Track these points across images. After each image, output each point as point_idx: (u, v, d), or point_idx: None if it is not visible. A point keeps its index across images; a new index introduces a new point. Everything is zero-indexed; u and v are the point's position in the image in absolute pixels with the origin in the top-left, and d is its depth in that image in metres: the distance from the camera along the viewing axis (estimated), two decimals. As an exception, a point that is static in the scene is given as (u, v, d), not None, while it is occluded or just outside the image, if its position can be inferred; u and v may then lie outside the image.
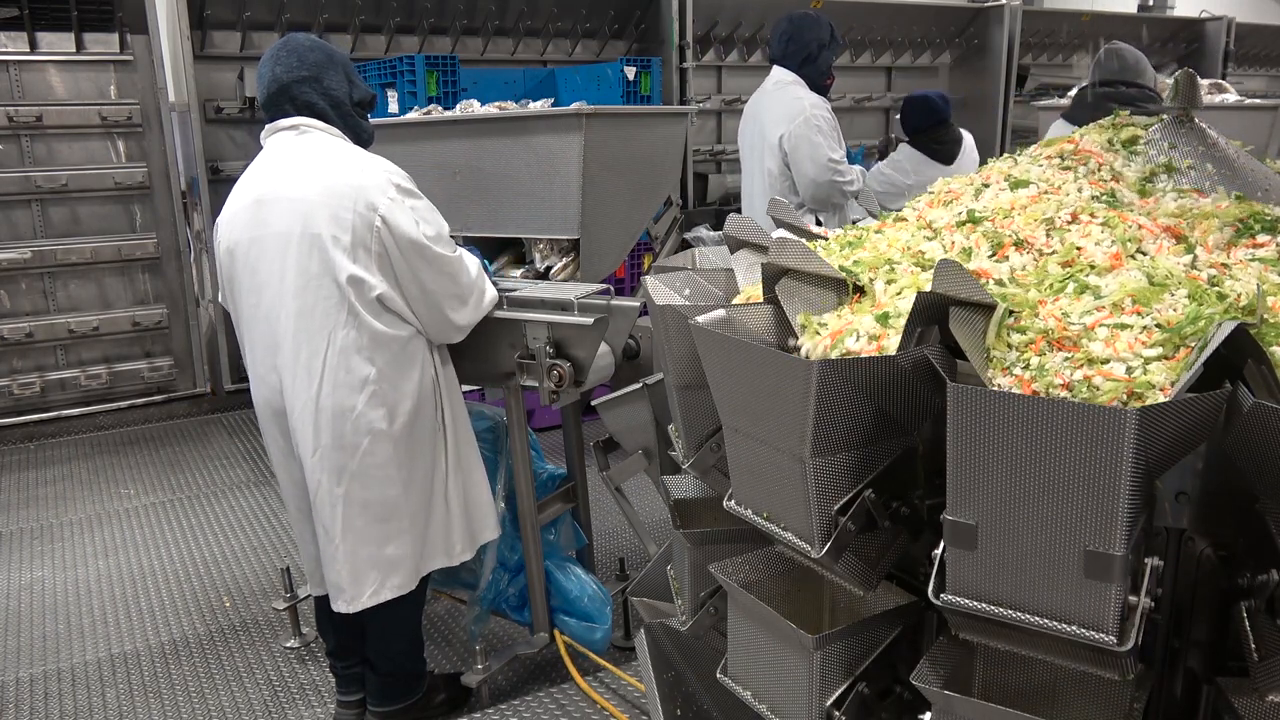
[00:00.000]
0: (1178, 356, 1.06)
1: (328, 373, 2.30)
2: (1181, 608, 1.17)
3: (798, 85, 4.10)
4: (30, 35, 5.08)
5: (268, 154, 2.40)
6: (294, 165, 2.32)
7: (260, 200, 2.34)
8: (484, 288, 2.49)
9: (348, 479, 2.36)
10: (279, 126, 2.38)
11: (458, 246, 2.45)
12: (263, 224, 2.32)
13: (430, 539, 2.50)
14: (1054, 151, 1.71)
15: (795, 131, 4.03)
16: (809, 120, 4.01)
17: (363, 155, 2.36)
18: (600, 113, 2.76)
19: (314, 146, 2.34)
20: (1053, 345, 1.11)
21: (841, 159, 4.08)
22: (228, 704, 2.90)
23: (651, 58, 5.84)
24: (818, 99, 4.08)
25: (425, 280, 2.33)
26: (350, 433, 2.33)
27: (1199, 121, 1.65)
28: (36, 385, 5.32)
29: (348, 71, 2.42)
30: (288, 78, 2.33)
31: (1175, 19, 9.30)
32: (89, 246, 5.33)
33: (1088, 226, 1.38)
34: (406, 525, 2.44)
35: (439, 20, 5.84)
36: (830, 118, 4.06)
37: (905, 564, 1.34)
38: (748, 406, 1.27)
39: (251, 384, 2.49)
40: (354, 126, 2.44)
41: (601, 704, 2.68)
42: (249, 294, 2.39)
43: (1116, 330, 1.11)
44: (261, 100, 2.40)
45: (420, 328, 2.39)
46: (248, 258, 2.37)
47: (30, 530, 4.17)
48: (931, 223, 1.57)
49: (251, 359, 2.45)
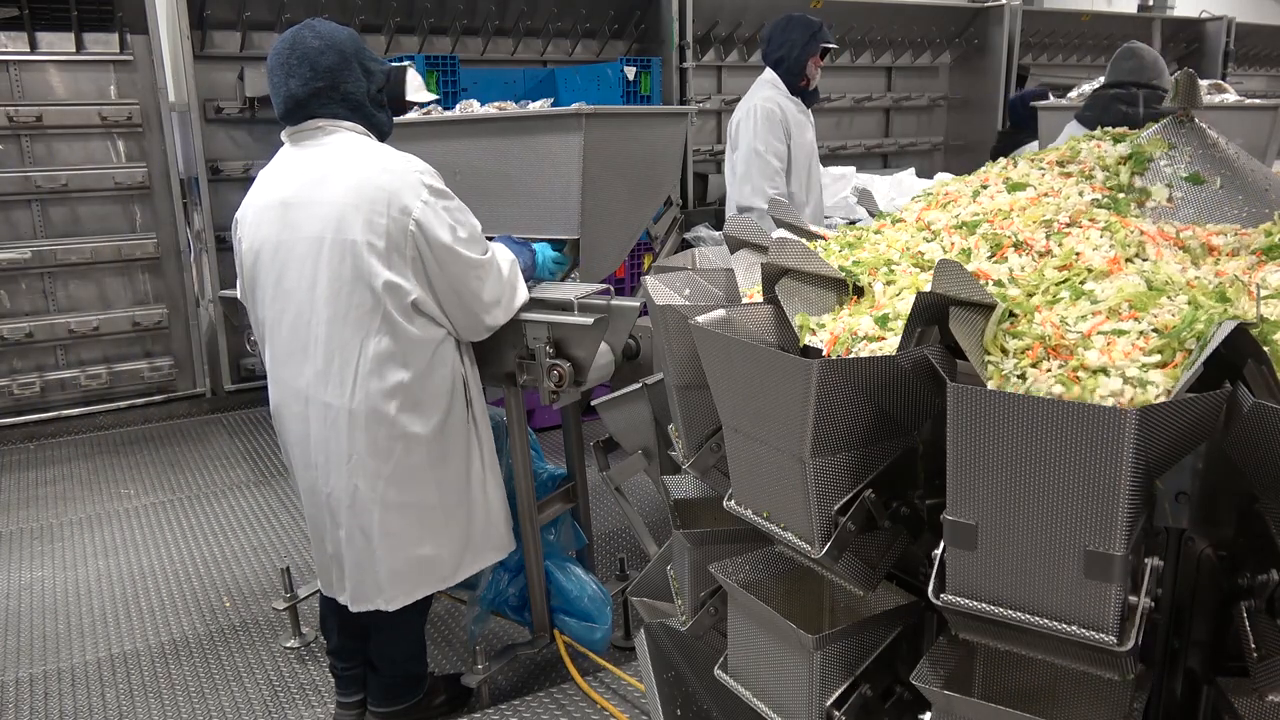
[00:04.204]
0: (1175, 361, 1.06)
1: (361, 379, 2.28)
2: (1181, 608, 1.17)
3: (771, 85, 4.12)
4: (30, 35, 5.08)
5: (292, 153, 2.35)
6: (322, 167, 2.27)
7: (287, 203, 2.29)
8: (516, 285, 2.46)
9: (383, 484, 2.35)
10: (304, 128, 2.32)
11: (490, 243, 2.42)
12: (291, 227, 2.28)
13: (474, 536, 2.51)
14: (1055, 157, 1.71)
15: (738, 118, 4.10)
16: (752, 109, 4.04)
17: (390, 154, 2.30)
18: (600, 113, 2.76)
19: (340, 147, 2.29)
20: (1049, 353, 1.11)
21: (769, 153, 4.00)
22: (228, 704, 2.90)
23: (651, 58, 5.85)
24: (771, 94, 4.07)
25: (459, 283, 2.30)
26: (385, 438, 2.32)
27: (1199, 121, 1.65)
28: (36, 385, 5.32)
29: (362, 61, 2.32)
30: (304, 93, 2.25)
31: (1175, 19, 9.30)
32: (89, 246, 5.33)
33: (1087, 231, 1.37)
34: (442, 524, 2.44)
35: (439, 20, 5.84)
36: (776, 113, 4.02)
37: (905, 564, 1.34)
38: (748, 406, 1.27)
39: (272, 386, 2.46)
40: (376, 124, 2.39)
41: (601, 704, 2.68)
42: (274, 300, 2.35)
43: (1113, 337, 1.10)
44: (279, 112, 2.33)
45: (451, 329, 2.38)
46: (274, 261, 2.32)
47: (30, 530, 4.17)
48: (930, 224, 1.57)
49: (273, 363, 2.41)
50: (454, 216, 2.29)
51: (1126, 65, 3.54)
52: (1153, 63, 3.54)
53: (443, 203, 2.28)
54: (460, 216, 2.31)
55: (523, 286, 2.49)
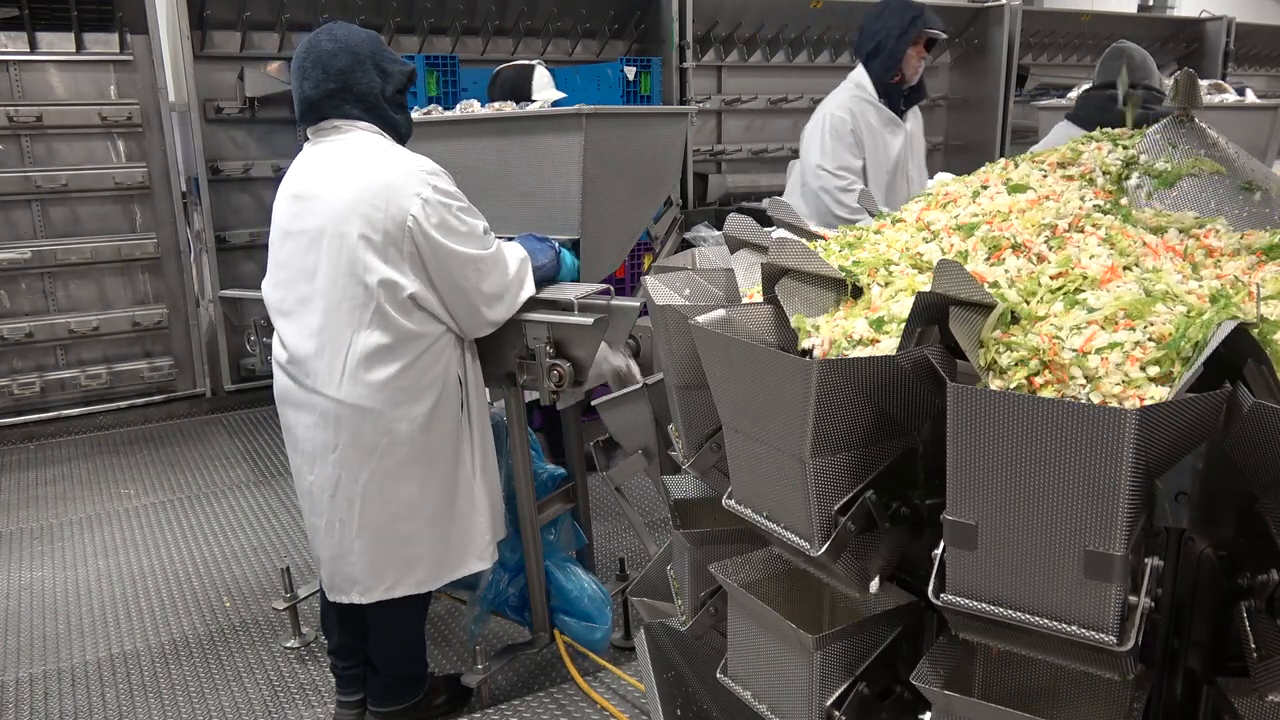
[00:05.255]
0: (1174, 372, 1.05)
1: (349, 371, 2.31)
2: (1181, 608, 1.17)
3: (854, 87, 3.67)
4: (30, 35, 5.08)
5: (311, 150, 2.41)
6: (332, 163, 2.33)
7: (298, 196, 2.37)
8: (524, 281, 2.47)
9: (366, 477, 2.36)
10: (321, 127, 2.37)
11: (505, 242, 2.44)
12: (297, 219, 2.35)
13: (456, 542, 2.50)
14: (1057, 159, 1.71)
15: (808, 128, 3.72)
16: (823, 119, 3.65)
17: (399, 153, 2.34)
18: (600, 113, 2.76)
19: (353, 145, 2.33)
20: (1044, 368, 1.10)
21: (837, 169, 3.60)
22: (228, 704, 2.90)
23: (651, 58, 5.85)
24: (847, 99, 3.65)
25: (458, 279, 2.32)
26: (370, 432, 2.34)
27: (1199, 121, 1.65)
28: (36, 385, 5.32)
29: (377, 61, 2.33)
30: (316, 95, 2.31)
31: (1175, 19, 9.30)
32: (89, 246, 5.33)
33: (1086, 238, 1.37)
34: (425, 524, 2.44)
35: (439, 20, 5.84)
36: (846, 123, 3.60)
37: (905, 564, 1.34)
38: (748, 406, 1.27)
39: (277, 374, 2.50)
40: (392, 124, 2.40)
41: (601, 704, 2.68)
42: (281, 286, 2.43)
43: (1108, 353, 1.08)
44: (298, 115, 2.39)
45: (452, 324, 2.39)
46: (282, 250, 2.41)
47: (30, 530, 4.17)
48: (930, 224, 1.57)
49: (279, 351, 2.47)
50: (454, 214, 2.30)
51: (1116, 65, 3.51)
52: (1142, 62, 3.48)
53: (444, 200, 2.29)
54: (461, 214, 2.32)
55: (530, 284, 2.49)
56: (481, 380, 2.55)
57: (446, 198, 2.30)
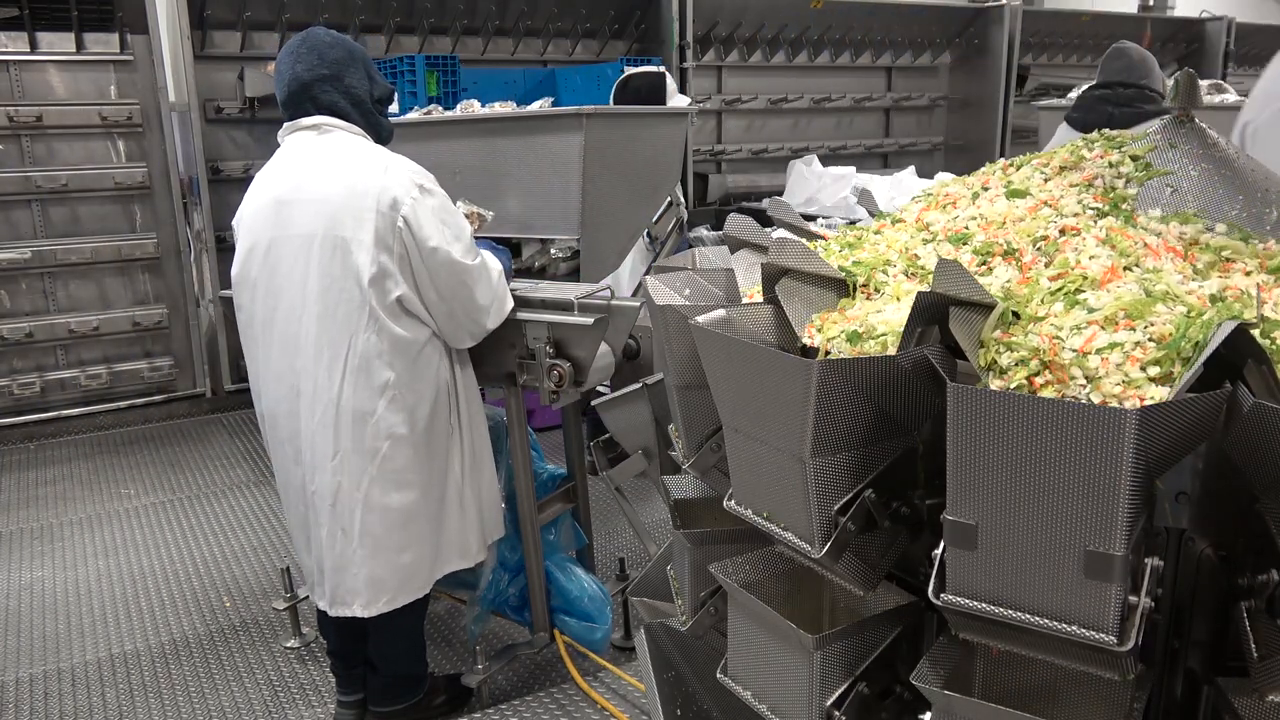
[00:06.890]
0: (1175, 372, 1.05)
1: (349, 376, 2.29)
2: (1181, 608, 1.17)
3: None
4: (30, 35, 5.09)
5: (288, 152, 2.38)
6: (316, 165, 2.31)
7: (281, 200, 2.32)
8: (504, 296, 2.46)
9: (367, 483, 2.35)
10: (299, 125, 2.36)
11: (481, 251, 2.42)
12: (284, 224, 2.31)
13: (444, 543, 2.50)
14: (1059, 163, 1.70)
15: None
16: None
17: (385, 154, 2.34)
18: (601, 113, 2.76)
19: (336, 146, 2.32)
20: (1044, 368, 1.10)
21: None
22: (228, 704, 2.90)
23: (651, 58, 5.85)
24: None
25: (444, 285, 2.31)
26: (370, 437, 2.33)
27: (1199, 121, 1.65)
28: (36, 385, 5.32)
29: (368, 68, 2.39)
30: (309, 76, 2.31)
31: (1175, 19, 9.30)
32: (89, 246, 5.34)
33: (1084, 238, 1.37)
34: (424, 530, 2.44)
35: (439, 20, 5.85)
36: None
37: (905, 564, 1.34)
38: (748, 406, 1.27)
39: (257, 385, 2.47)
40: (375, 124, 2.42)
41: (601, 704, 2.68)
42: (267, 295, 2.36)
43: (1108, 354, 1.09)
44: (281, 99, 2.38)
45: (436, 329, 2.39)
46: (267, 258, 2.34)
47: (30, 530, 4.17)
48: (929, 225, 1.57)
49: (265, 360, 2.42)
50: (442, 217, 2.30)
51: (1115, 65, 3.49)
52: (1141, 61, 3.46)
53: (432, 202, 2.29)
54: (449, 218, 2.33)
55: (509, 298, 2.50)
56: (474, 383, 2.55)
57: (434, 199, 2.31)
